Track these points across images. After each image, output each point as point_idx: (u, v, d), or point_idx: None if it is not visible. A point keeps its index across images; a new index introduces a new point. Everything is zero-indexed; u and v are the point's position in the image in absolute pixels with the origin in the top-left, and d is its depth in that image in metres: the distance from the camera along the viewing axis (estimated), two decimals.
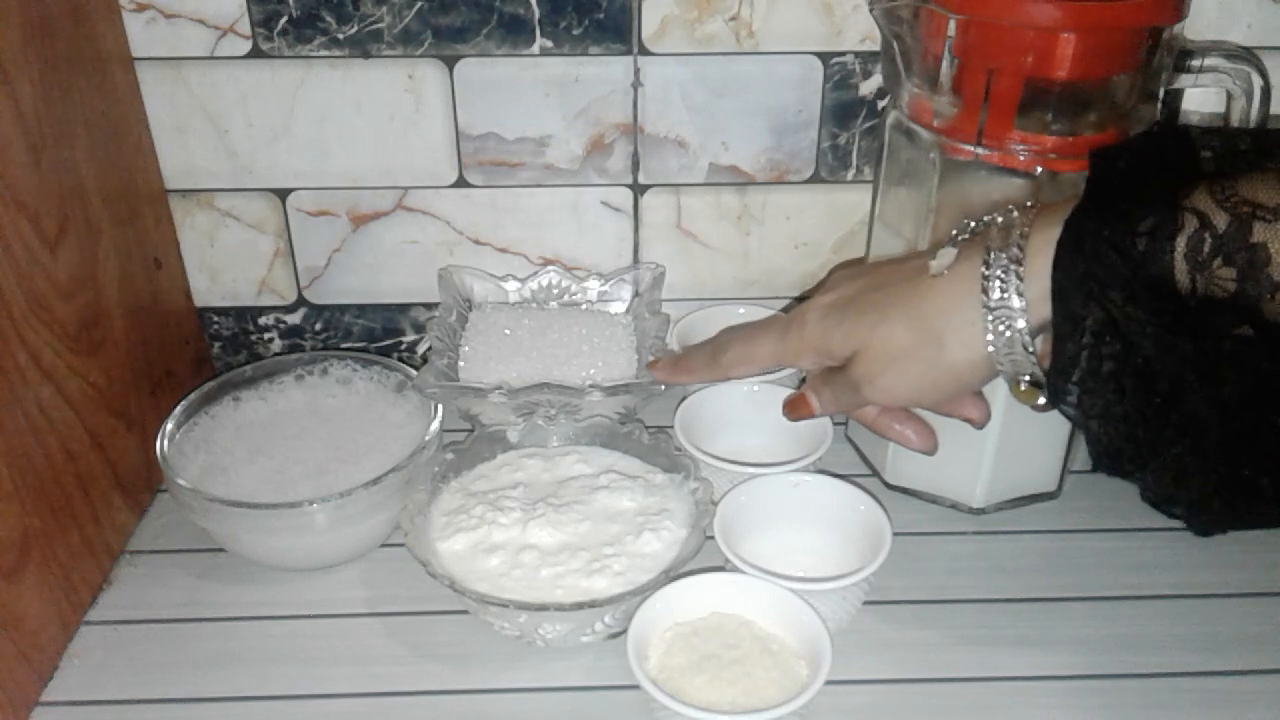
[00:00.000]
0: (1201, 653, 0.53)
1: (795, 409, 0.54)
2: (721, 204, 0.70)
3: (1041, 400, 0.44)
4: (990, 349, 0.43)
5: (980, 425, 0.50)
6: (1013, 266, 0.42)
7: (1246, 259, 0.37)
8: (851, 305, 0.48)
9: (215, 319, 0.74)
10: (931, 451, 0.51)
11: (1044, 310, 0.42)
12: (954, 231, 0.46)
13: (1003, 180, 0.53)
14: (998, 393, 0.52)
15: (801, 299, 0.74)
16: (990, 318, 0.43)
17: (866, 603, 0.53)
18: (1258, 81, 0.55)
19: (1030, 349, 0.43)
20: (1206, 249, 0.37)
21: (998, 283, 0.42)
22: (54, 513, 0.53)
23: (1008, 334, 0.42)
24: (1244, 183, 0.37)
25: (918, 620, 0.55)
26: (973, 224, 0.45)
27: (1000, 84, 0.51)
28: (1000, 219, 0.44)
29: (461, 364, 0.66)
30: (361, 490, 0.55)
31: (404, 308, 0.74)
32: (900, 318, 0.46)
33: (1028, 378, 0.44)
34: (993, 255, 0.42)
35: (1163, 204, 0.38)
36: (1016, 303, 0.42)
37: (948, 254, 0.45)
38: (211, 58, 0.64)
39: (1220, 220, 0.37)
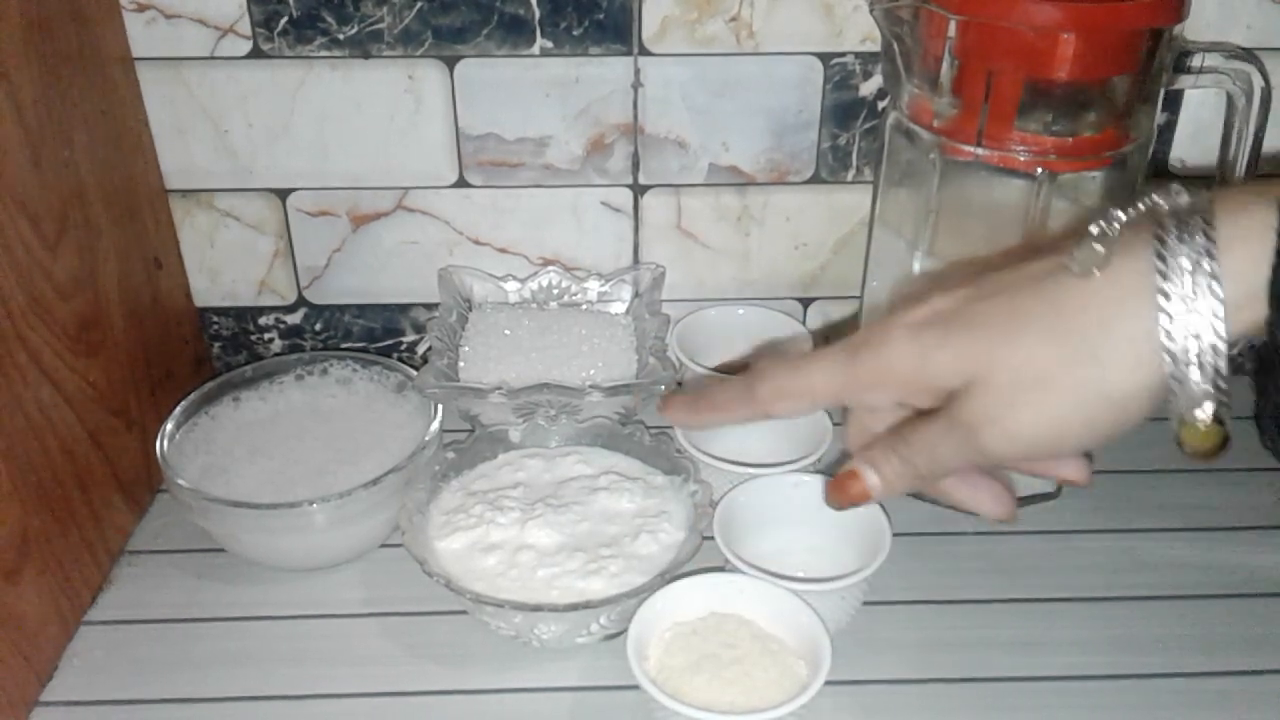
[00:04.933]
0: (1201, 653, 0.53)
1: (843, 492, 0.41)
2: (721, 204, 0.70)
3: (1204, 435, 0.33)
4: (1169, 370, 0.32)
5: (1084, 484, 0.40)
6: (1203, 260, 0.31)
7: None
8: (959, 318, 0.37)
9: (215, 319, 0.74)
10: (1011, 520, 0.41)
11: (1246, 318, 0.32)
12: (1092, 227, 0.34)
13: (1003, 181, 0.53)
14: None
15: (801, 299, 0.74)
16: (1170, 328, 0.32)
17: (866, 603, 0.53)
18: (1258, 82, 0.55)
19: (1223, 370, 0.32)
20: None
21: (1181, 283, 0.32)
22: (54, 513, 0.53)
23: (1194, 350, 0.32)
24: None
25: (918, 620, 0.55)
26: (1119, 212, 0.34)
27: (1000, 85, 0.51)
28: (1161, 202, 0.33)
29: (461, 364, 0.66)
30: (361, 490, 0.55)
31: (404, 308, 0.74)
32: (1039, 330, 0.34)
33: (1210, 410, 0.32)
34: (1171, 246, 0.32)
35: None
36: (1209, 308, 0.31)
37: (1093, 250, 0.34)
38: (211, 58, 0.64)
39: None
